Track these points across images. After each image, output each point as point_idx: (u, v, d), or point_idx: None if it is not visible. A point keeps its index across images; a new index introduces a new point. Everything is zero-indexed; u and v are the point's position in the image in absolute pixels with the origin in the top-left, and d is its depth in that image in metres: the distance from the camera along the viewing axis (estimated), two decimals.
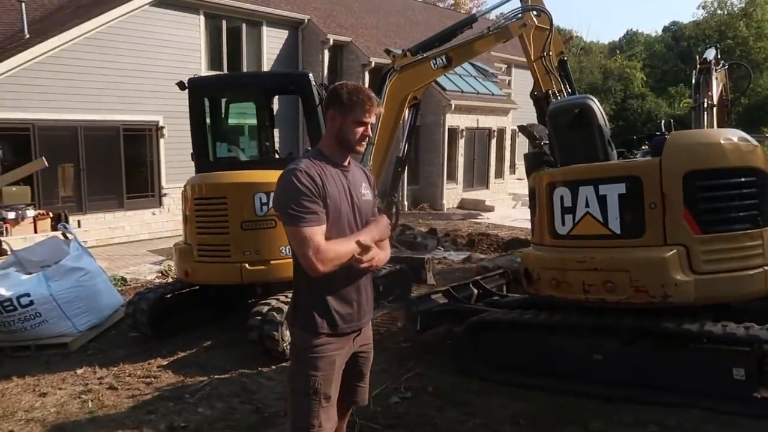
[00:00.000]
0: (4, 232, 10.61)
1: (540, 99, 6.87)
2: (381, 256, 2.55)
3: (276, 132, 10.37)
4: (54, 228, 10.82)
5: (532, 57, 6.85)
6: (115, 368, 5.18)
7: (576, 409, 4.01)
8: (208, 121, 6.12)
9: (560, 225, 4.41)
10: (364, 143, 2.55)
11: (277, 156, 6.85)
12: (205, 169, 5.95)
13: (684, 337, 3.95)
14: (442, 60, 6.79)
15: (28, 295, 5.51)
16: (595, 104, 4.48)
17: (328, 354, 2.48)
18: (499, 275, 6.64)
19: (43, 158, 8.73)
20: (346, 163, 2.58)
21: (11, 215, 11.03)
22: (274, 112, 7.30)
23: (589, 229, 4.23)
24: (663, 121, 4.89)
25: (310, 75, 5.90)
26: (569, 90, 6.95)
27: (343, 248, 2.40)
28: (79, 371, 5.14)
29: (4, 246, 9.41)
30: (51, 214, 11.65)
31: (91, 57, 12.47)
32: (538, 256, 4.66)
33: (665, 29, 47.99)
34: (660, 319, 4.03)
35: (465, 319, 4.91)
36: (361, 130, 2.50)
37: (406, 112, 6.94)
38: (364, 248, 2.43)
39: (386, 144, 6.80)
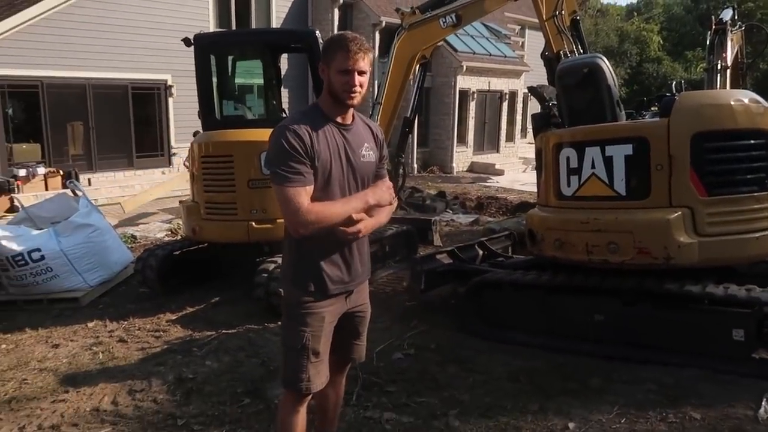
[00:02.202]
0: (16, 189, 10.74)
1: (551, 59, 6.73)
2: (369, 223, 2.41)
3: (284, 91, 10.25)
4: (64, 185, 10.93)
5: (544, 16, 6.69)
6: (125, 322, 5.30)
7: (575, 368, 4.07)
8: (214, 78, 6.09)
9: (565, 186, 4.40)
10: (355, 95, 2.33)
11: (284, 114, 6.81)
12: (212, 127, 5.94)
13: (685, 298, 3.97)
14: (451, 18, 6.65)
15: (39, 250, 5.61)
16: (605, 63, 4.41)
17: (317, 311, 2.44)
18: (504, 237, 6.66)
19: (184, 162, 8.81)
20: (346, 121, 2.43)
21: (22, 173, 11.16)
22: (282, 71, 7.24)
23: (595, 190, 4.22)
24: (674, 83, 4.82)
25: (317, 32, 5.82)
26: (581, 51, 6.79)
27: (329, 211, 2.31)
28: (90, 324, 5.26)
29: (16, 203, 9.54)
30: (61, 172, 11.77)
31: (99, 13, 12.37)
32: (543, 217, 4.66)
33: None
34: (662, 280, 4.04)
35: (469, 279, 4.95)
36: (346, 79, 2.29)
37: (416, 69, 6.86)
38: (349, 219, 2.33)
39: (394, 103, 6.73)
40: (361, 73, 2.32)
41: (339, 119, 2.42)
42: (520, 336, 4.55)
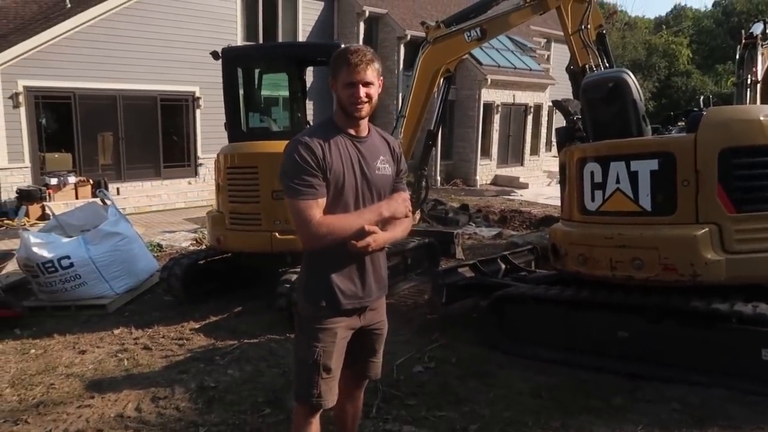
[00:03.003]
0: (47, 197, 11.01)
1: (576, 73, 6.70)
2: (381, 238, 2.35)
3: (309, 103, 10.33)
4: (94, 194, 11.17)
5: (570, 30, 6.68)
6: (150, 330, 5.38)
7: (598, 385, 4.01)
8: (241, 91, 6.20)
9: (589, 201, 4.36)
10: (362, 107, 2.31)
11: (308, 127, 6.88)
12: (238, 138, 6.04)
13: (713, 316, 3.89)
14: (476, 32, 6.68)
15: (68, 257, 5.73)
16: (630, 78, 4.38)
17: (330, 326, 2.41)
18: (528, 251, 6.61)
19: None
20: (360, 133, 2.42)
21: (54, 181, 11.46)
22: (307, 84, 7.33)
23: (619, 205, 4.18)
24: (702, 97, 4.76)
25: (342, 45, 5.88)
26: (607, 65, 6.76)
27: (340, 224, 2.29)
28: (116, 331, 5.36)
29: (47, 210, 9.78)
30: (91, 181, 12.04)
31: (130, 27, 12.69)
32: (566, 231, 4.63)
33: (715, 4, 45.99)
34: (688, 297, 3.97)
35: (491, 293, 4.92)
36: (351, 92, 2.29)
37: (441, 82, 6.88)
38: (361, 231, 2.30)
39: (417, 116, 6.76)
40: (367, 84, 2.30)
41: (352, 131, 2.41)
42: (542, 351, 4.50)
